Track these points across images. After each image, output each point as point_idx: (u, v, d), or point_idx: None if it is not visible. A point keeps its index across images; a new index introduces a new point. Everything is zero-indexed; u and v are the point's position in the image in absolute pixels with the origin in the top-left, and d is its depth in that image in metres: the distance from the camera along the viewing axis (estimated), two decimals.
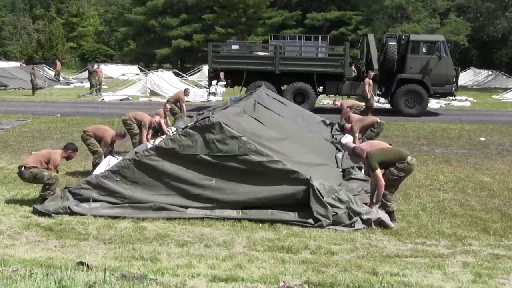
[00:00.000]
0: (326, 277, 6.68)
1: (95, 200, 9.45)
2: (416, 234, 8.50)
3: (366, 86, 21.61)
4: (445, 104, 30.07)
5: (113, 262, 7.07)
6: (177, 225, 8.80)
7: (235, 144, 9.36)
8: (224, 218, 9.07)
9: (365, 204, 9.36)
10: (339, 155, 13.27)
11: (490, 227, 8.85)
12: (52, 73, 47.26)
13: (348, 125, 14.61)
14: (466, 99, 32.90)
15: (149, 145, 10.74)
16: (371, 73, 22.58)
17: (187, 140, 9.45)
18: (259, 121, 11.88)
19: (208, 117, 9.58)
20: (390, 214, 9.07)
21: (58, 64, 46.99)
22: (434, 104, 28.90)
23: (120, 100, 30.75)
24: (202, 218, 9.05)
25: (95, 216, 9.06)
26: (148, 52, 65.75)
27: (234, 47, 28.79)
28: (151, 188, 9.51)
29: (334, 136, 16.02)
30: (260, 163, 9.30)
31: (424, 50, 24.78)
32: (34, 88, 33.65)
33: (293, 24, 62.54)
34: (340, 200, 8.98)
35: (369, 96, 21.61)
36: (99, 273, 5.48)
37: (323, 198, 8.89)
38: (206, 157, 9.38)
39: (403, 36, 26.57)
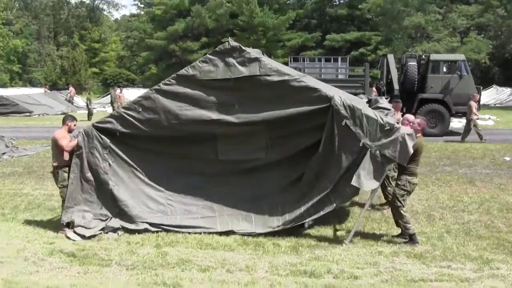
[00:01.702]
0: None
1: (120, 133, 9.61)
2: (441, 257, 8.36)
3: (473, 108, 21.52)
4: None
5: None
6: (199, 249, 8.77)
7: (255, 66, 9.39)
8: (244, 240, 9.06)
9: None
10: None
11: None
12: (78, 100, 47.94)
13: None
14: (489, 118, 32.57)
15: None
16: (476, 96, 22.39)
17: (207, 66, 9.53)
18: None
19: (228, 41, 9.68)
20: (411, 236, 8.97)
21: (72, 89, 47.76)
22: (456, 123, 28.65)
23: None
24: (224, 242, 9.04)
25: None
26: (169, 76, 66.27)
27: None
28: (173, 117, 9.55)
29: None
30: (282, 82, 9.28)
31: (444, 69, 24.70)
32: (90, 113, 34.35)
33: (313, 45, 62.77)
34: (367, 117, 8.87)
35: (472, 118, 21.55)
36: None
37: (347, 116, 8.91)
38: (227, 81, 9.43)
39: (423, 56, 26.54)
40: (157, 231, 9.58)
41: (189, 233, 9.48)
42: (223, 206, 9.72)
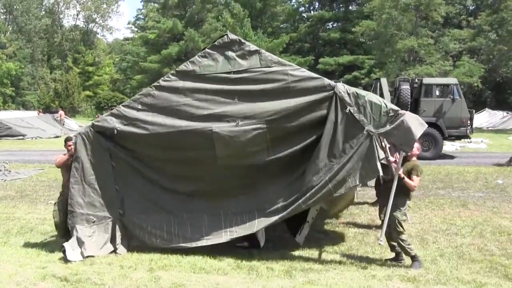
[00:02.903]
0: None
1: (118, 131, 9.53)
2: (434, 280, 8.35)
3: None
4: (460, 146, 29.94)
5: None
6: (192, 273, 8.73)
7: (256, 58, 9.34)
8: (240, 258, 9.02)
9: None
10: None
11: (511, 274, 8.66)
12: (68, 121, 47.98)
13: None
14: (482, 141, 32.74)
15: None
16: None
17: (207, 60, 9.46)
18: None
19: (227, 34, 9.61)
20: (414, 258, 8.98)
21: (61, 112, 47.91)
22: (449, 146, 28.78)
23: None
24: (217, 266, 8.99)
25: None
26: None
27: None
28: (173, 113, 9.46)
29: None
30: (284, 72, 9.24)
31: (437, 93, 24.87)
32: None
33: (306, 69, 62.89)
34: (370, 103, 8.82)
35: None
36: None
37: (350, 103, 8.85)
38: (227, 75, 9.35)
39: (416, 80, 26.71)
40: (149, 252, 9.57)
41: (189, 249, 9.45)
42: (227, 211, 9.56)
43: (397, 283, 8.26)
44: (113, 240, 9.78)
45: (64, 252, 9.32)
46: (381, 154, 9.06)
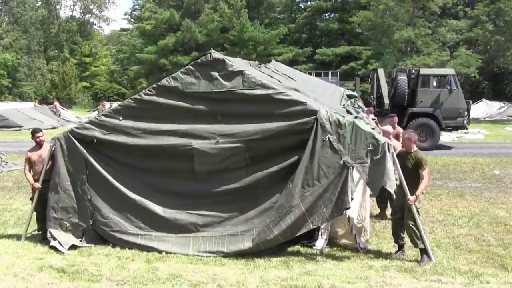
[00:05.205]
0: None
1: (98, 140, 9.52)
2: (431, 271, 8.37)
3: None
4: (457, 137, 29.97)
5: None
6: (189, 264, 8.75)
7: (239, 79, 9.23)
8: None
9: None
10: None
11: (508, 264, 8.68)
12: (65, 112, 47.88)
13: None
14: (479, 132, 32.77)
15: None
16: None
17: (189, 78, 9.38)
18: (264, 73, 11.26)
19: (210, 53, 9.49)
20: (424, 251, 8.96)
21: (56, 103, 47.80)
22: (446, 137, 28.79)
23: None
24: (215, 257, 8.99)
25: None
26: None
27: None
28: (154, 127, 9.44)
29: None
30: (266, 96, 9.11)
31: (434, 83, 24.87)
32: None
33: (304, 60, 62.89)
34: (351, 134, 8.75)
35: None
36: None
37: (331, 131, 8.77)
38: (209, 94, 9.28)
39: (413, 70, 26.69)
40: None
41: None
42: (198, 228, 9.32)
43: (394, 273, 8.28)
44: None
45: (55, 248, 9.42)
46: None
